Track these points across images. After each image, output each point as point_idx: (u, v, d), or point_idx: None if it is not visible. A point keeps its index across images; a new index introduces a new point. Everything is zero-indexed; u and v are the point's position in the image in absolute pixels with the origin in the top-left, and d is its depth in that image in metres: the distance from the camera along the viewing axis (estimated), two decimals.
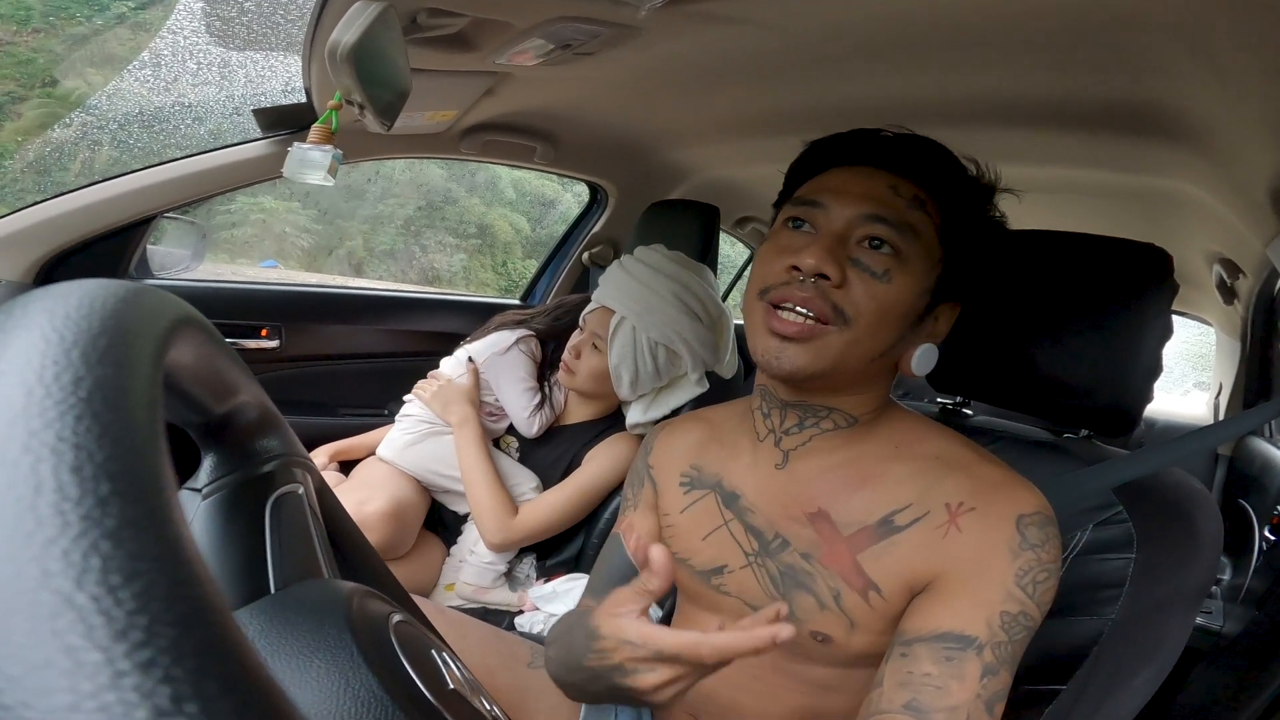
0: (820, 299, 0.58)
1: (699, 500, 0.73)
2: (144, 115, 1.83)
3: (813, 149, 0.68)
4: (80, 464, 0.16)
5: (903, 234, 0.59)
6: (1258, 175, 1.00)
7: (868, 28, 0.88)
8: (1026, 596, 0.56)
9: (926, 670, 0.54)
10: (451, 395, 1.32)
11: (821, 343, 0.59)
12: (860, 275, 0.59)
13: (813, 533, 0.64)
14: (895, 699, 0.54)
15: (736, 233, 2.41)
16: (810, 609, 0.63)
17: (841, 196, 0.61)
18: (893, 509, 0.62)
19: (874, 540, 0.62)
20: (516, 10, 0.83)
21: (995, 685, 0.54)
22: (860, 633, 0.62)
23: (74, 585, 0.14)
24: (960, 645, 0.55)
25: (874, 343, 0.60)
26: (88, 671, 0.14)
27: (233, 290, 1.58)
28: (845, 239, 0.60)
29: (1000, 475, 0.61)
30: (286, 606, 0.35)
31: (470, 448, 1.27)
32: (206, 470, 0.40)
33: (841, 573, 0.62)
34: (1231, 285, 1.80)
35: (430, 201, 7.47)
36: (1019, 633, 0.55)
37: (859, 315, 0.59)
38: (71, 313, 0.20)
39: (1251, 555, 1.67)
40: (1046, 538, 0.58)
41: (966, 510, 0.59)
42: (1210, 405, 2.53)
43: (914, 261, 0.60)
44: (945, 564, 0.58)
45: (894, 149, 0.63)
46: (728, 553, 0.70)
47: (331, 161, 0.87)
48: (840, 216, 0.61)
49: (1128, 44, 0.79)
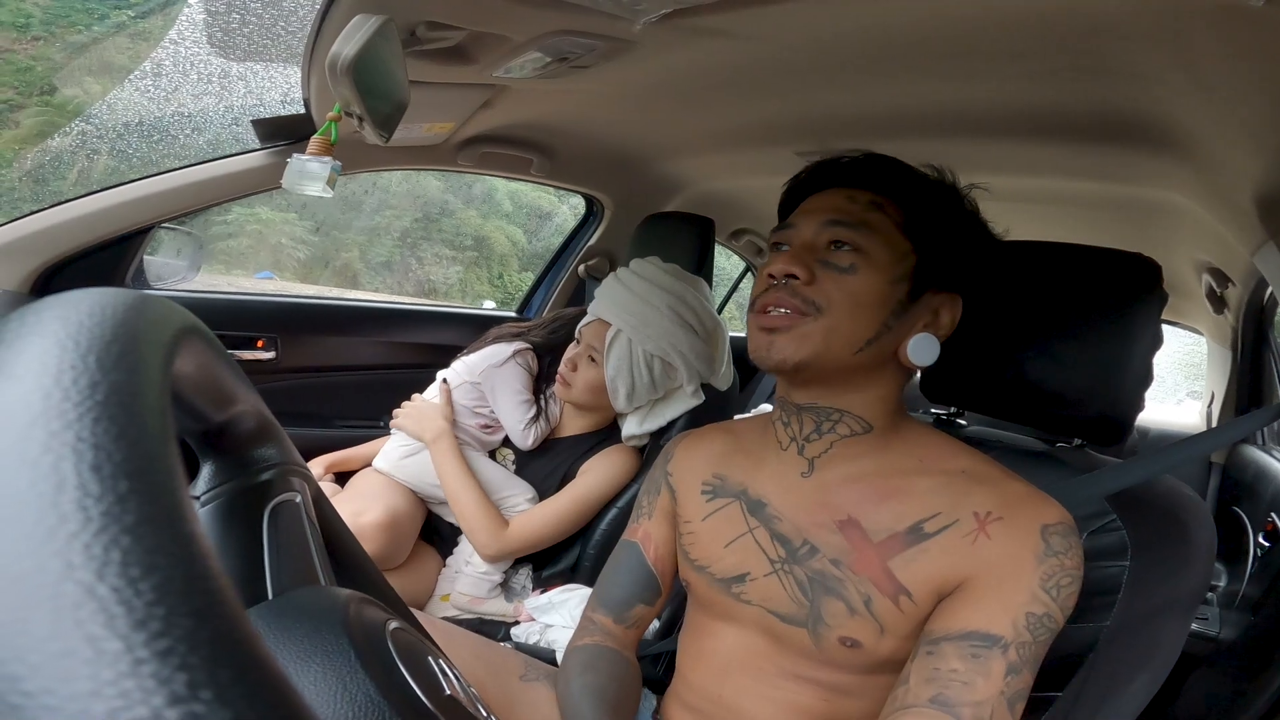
0: (792, 296, 0.65)
1: (722, 508, 0.74)
2: (143, 125, 1.83)
3: (789, 189, 0.75)
4: (100, 463, 0.17)
5: (859, 231, 0.65)
6: (1243, 184, 1.02)
7: (858, 41, 0.89)
8: (1051, 599, 0.58)
9: (953, 667, 0.56)
10: (424, 412, 1.32)
11: (801, 331, 0.64)
12: (827, 272, 0.65)
13: (842, 539, 0.66)
14: (922, 694, 0.56)
15: (731, 245, 2.43)
16: (840, 614, 0.64)
17: (808, 215, 0.69)
18: (922, 517, 0.64)
19: (904, 546, 0.63)
20: (514, 24, 0.84)
21: (1018, 684, 0.56)
22: (889, 637, 0.63)
23: (95, 577, 0.15)
24: (986, 644, 0.56)
25: (853, 327, 0.64)
26: (108, 659, 0.14)
27: (229, 301, 1.58)
28: (813, 246, 0.67)
29: (1025, 489, 0.64)
30: (284, 612, 0.35)
31: (448, 462, 1.27)
32: (204, 478, 0.40)
33: (872, 578, 0.64)
34: (1221, 294, 1.82)
35: (427, 213, 7.48)
36: (1042, 634, 0.57)
37: (830, 304, 0.64)
38: (84, 320, 0.20)
39: (1246, 561, 1.68)
40: (1070, 546, 0.60)
41: (995, 519, 0.61)
42: (1203, 414, 2.54)
43: (876, 253, 0.65)
44: (974, 568, 0.60)
45: (850, 169, 0.70)
46: (751, 560, 0.70)
47: (330, 173, 0.88)
48: (807, 229, 0.68)
49: (1112, 55, 0.81)
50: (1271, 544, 1.59)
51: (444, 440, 1.29)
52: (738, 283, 2.83)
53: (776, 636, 0.68)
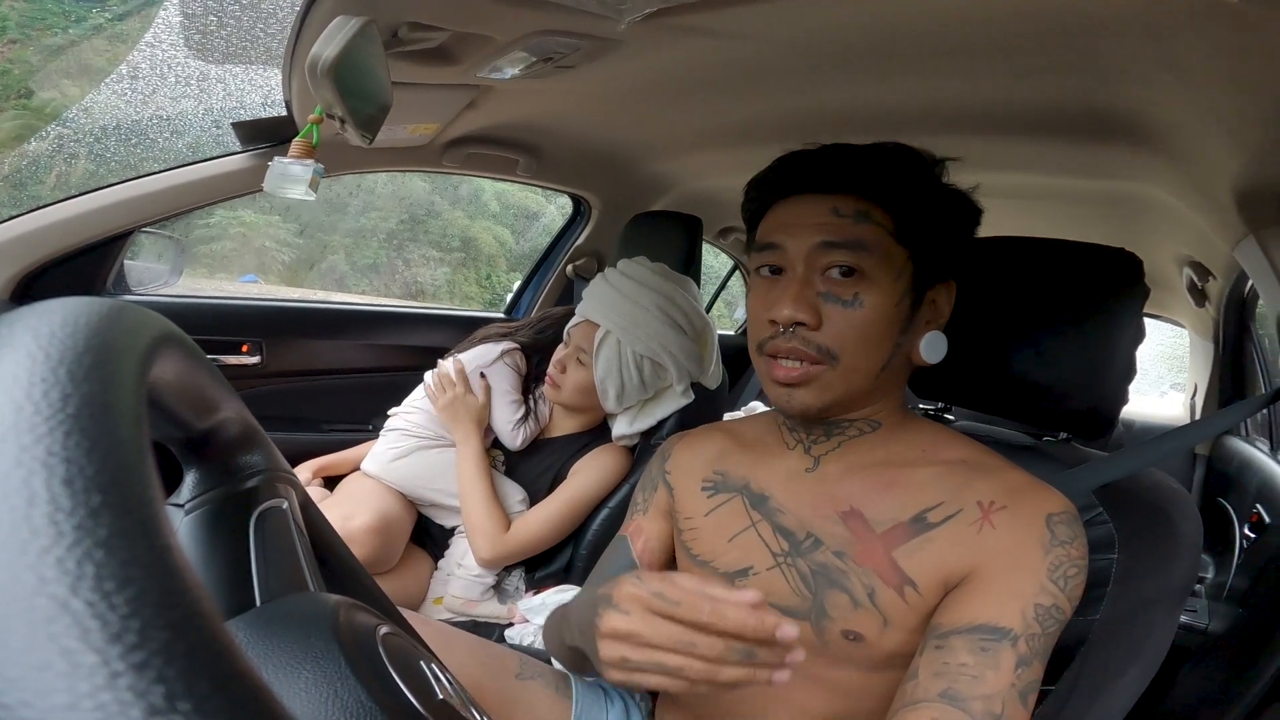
0: (805, 345, 0.63)
1: (725, 503, 0.74)
2: (121, 128, 1.81)
3: (751, 187, 0.70)
4: (71, 477, 0.17)
5: (857, 253, 0.62)
6: (1222, 179, 1.03)
7: (842, 39, 0.90)
8: (1059, 590, 0.58)
9: (963, 660, 0.56)
10: (462, 410, 1.31)
11: (821, 382, 0.64)
12: (833, 309, 0.63)
13: (845, 531, 0.66)
14: (931, 688, 0.55)
15: (719, 243, 2.43)
16: (843, 607, 0.64)
17: (792, 231, 0.65)
18: (925, 507, 0.64)
19: (908, 537, 0.63)
20: (497, 24, 0.84)
21: (1029, 676, 0.55)
22: (893, 630, 0.63)
23: (69, 591, 0.15)
24: (996, 636, 0.56)
25: (868, 364, 0.64)
26: (84, 672, 0.14)
27: (212, 306, 1.57)
28: (810, 277, 0.64)
29: (1026, 479, 0.64)
30: (273, 619, 0.34)
31: (470, 466, 1.27)
32: (189, 486, 0.40)
33: (877, 569, 0.63)
34: (1202, 288, 1.84)
35: (413, 215, 7.44)
36: (1051, 625, 0.57)
37: (844, 348, 0.63)
38: (56, 331, 0.20)
39: (1233, 553, 1.69)
40: (1075, 535, 0.60)
41: (999, 508, 0.61)
42: (1186, 406, 2.57)
43: (878, 274, 0.63)
44: (980, 558, 0.60)
45: (825, 168, 0.65)
46: (754, 554, 0.70)
47: (312, 176, 0.87)
48: (798, 253, 0.64)
49: (1095, 51, 0.82)
50: (1257, 535, 1.61)
51: (472, 444, 1.28)
52: (725, 281, 2.84)
53: None
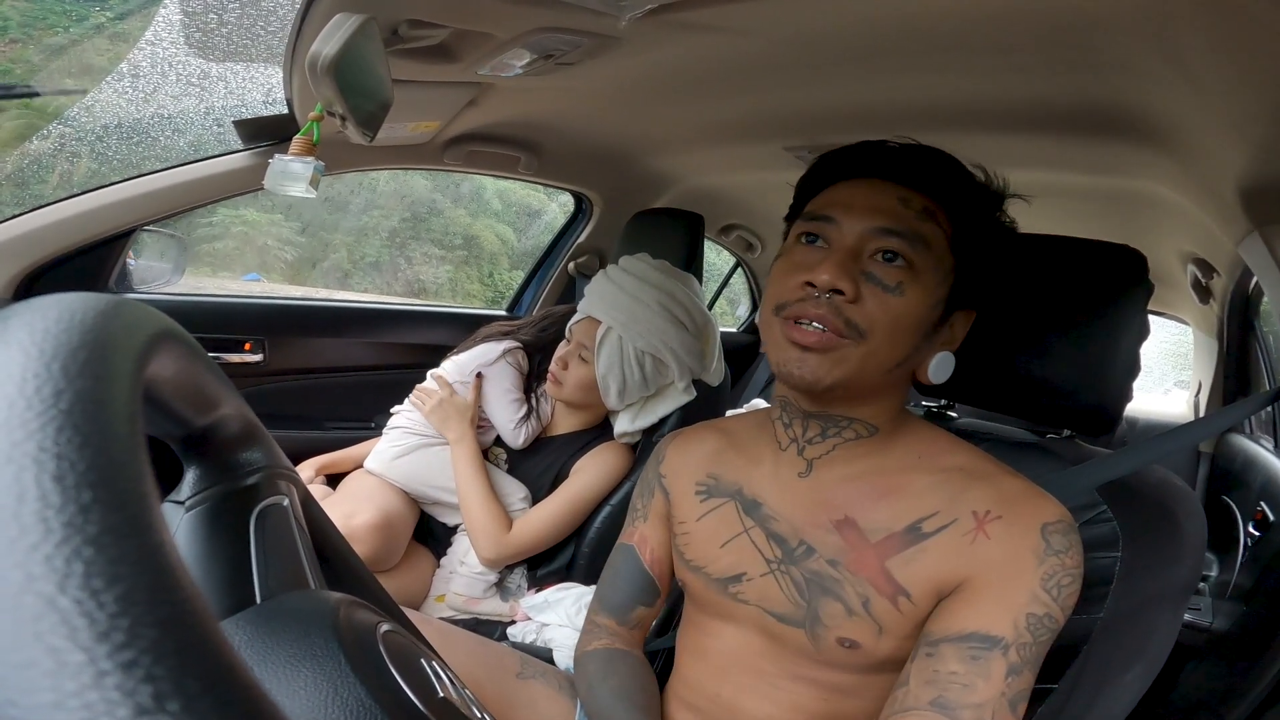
0: (835, 315, 0.59)
1: (717, 508, 0.73)
2: (123, 127, 1.81)
3: (820, 163, 0.68)
4: (62, 473, 0.17)
5: (914, 246, 0.60)
6: (1226, 175, 1.02)
7: (844, 35, 0.89)
8: (1051, 599, 0.57)
9: (953, 669, 0.55)
10: (451, 411, 1.31)
11: (839, 354, 0.60)
12: (873, 289, 0.60)
13: (839, 539, 0.65)
14: (922, 696, 0.55)
15: (721, 240, 2.43)
16: (837, 615, 0.63)
17: (852, 210, 0.62)
18: (919, 516, 0.63)
19: (902, 547, 0.62)
20: (498, 21, 0.84)
21: (1019, 685, 0.55)
22: (888, 638, 0.62)
23: (57, 589, 0.15)
24: (986, 645, 0.56)
25: (890, 354, 0.61)
26: (71, 671, 0.14)
27: (215, 304, 1.57)
28: (858, 253, 0.61)
29: (1023, 486, 0.63)
30: (273, 616, 0.34)
31: (466, 465, 1.27)
32: (189, 483, 0.40)
33: (870, 579, 0.63)
34: (1206, 284, 1.83)
35: (415, 213, 7.43)
36: (1043, 634, 0.57)
37: (873, 329, 0.60)
38: (51, 326, 0.20)
39: (1237, 551, 1.69)
40: (1070, 544, 0.59)
41: (994, 518, 0.60)
42: (1190, 403, 2.56)
43: (926, 273, 0.61)
44: (973, 568, 0.59)
45: (902, 160, 0.63)
46: (747, 560, 0.70)
47: (313, 173, 0.87)
48: (852, 231, 0.61)
49: (1098, 48, 0.81)
50: (1261, 533, 1.60)
51: (466, 443, 1.29)
52: (728, 278, 2.83)
53: (774, 636, 0.68)
